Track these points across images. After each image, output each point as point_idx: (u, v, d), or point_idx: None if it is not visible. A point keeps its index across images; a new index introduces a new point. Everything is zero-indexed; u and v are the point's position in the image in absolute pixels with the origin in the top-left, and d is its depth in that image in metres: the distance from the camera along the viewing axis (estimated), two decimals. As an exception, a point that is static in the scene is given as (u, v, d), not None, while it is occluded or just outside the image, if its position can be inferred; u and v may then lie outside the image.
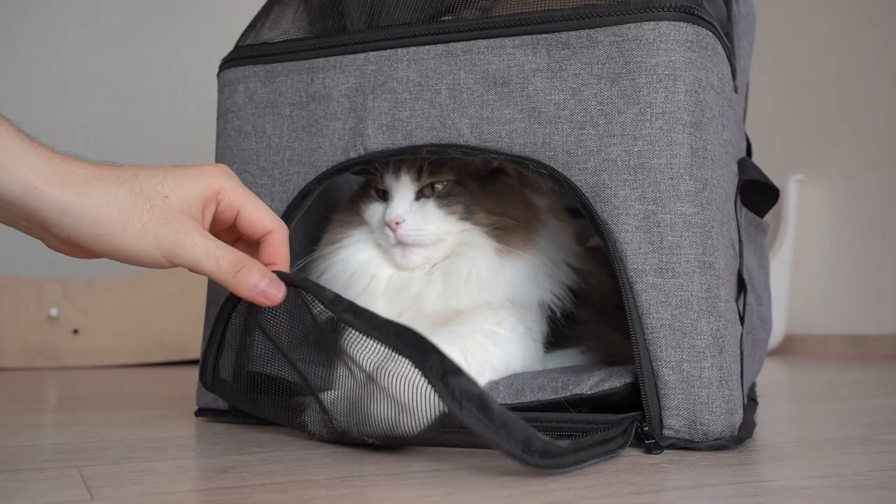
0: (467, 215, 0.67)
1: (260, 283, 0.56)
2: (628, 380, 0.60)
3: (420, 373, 0.50)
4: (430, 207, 0.68)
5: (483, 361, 0.63)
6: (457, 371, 0.48)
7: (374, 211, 0.70)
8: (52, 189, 0.51)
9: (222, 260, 0.55)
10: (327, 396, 0.59)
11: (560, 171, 0.61)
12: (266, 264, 0.59)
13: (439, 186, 0.68)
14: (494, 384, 0.63)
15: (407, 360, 0.51)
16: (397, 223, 0.66)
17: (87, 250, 0.54)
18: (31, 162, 0.50)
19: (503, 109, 0.63)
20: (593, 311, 0.71)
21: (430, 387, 0.49)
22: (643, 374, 0.58)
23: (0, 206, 0.51)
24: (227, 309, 0.62)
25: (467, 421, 0.47)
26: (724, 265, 0.60)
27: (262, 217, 0.59)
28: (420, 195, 0.68)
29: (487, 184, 0.69)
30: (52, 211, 0.51)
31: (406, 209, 0.67)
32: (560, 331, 0.70)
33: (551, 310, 0.68)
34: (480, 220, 0.67)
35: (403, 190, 0.68)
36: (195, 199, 0.56)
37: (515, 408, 0.61)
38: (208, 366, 0.65)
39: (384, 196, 0.70)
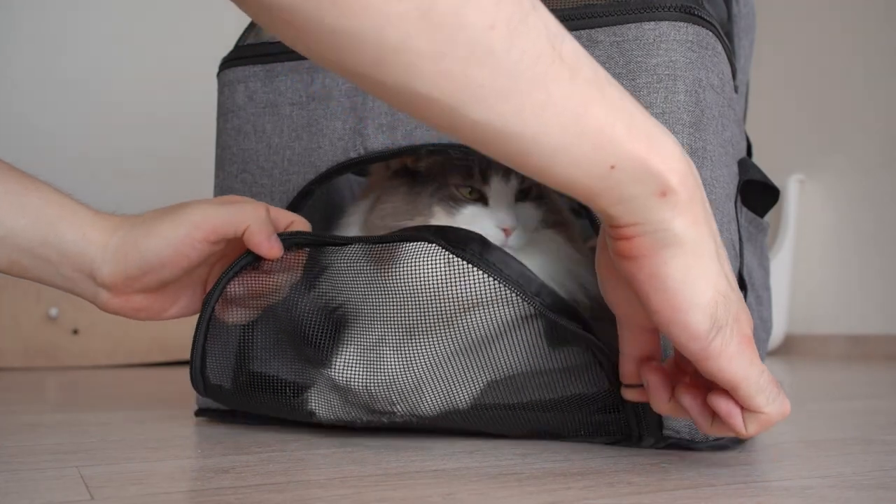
0: (548, 216, 0.67)
1: (271, 235, 0.60)
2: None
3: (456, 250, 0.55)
4: (531, 211, 0.67)
5: None
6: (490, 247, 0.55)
7: (474, 213, 0.66)
8: (95, 232, 0.59)
9: (236, 204, 0.60)
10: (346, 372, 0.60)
11: None
12: None
13: (531, 189, 0.67)
14: (494, 383, 0.63)
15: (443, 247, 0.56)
16: (513, 229, 0.65)
17: (131, 280, 0.59)
18: (80, 215, 0.59)
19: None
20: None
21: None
22: None
23: (58, 261, 0.58)
24: (204, 316, 0.62)
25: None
26: (722, 265, 0.60)
27: (285, 213, 0.63)
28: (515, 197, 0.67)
29: None
30: (97, 251, 0.58)
31: (514, 215, 0.66)
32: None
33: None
34: (558, 220, 0.67)
35: (508, 193, 0.66)
36: (213, 201, 0.62)
37: (515, 406, 0.61)
38: (195, 372, 0.64)
39: (474, 195, 0.66)
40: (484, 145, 0.43)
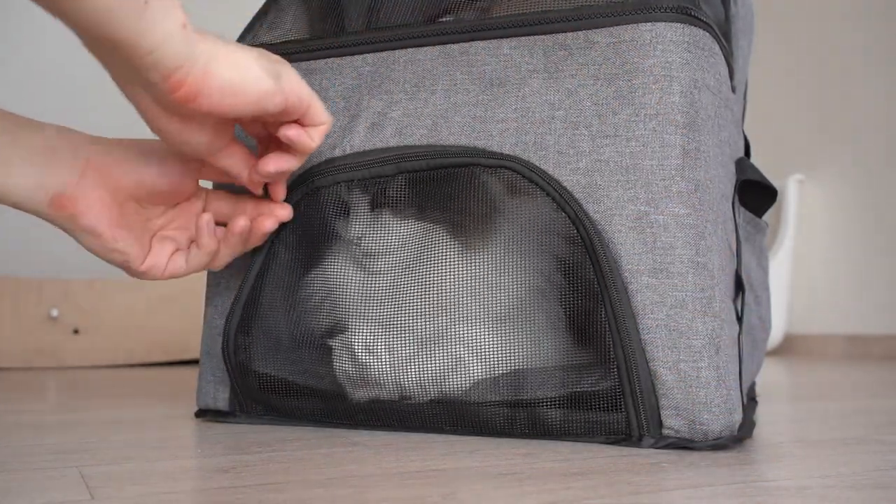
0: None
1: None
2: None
3: None
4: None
5: None
6: None
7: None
8: (71, 133, 0.59)
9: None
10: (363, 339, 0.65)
11: (549, 170, 0.61)
12: None
13: None
14: (495, 380, 0.63)
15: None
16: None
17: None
18: (45, 124, 0.59)
19: (497, 109, 0.63)
20: None
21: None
22: (637, 373, 0.58)
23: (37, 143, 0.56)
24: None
25: None
26: (718, 265, 0.60)
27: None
28: None
29: None
30: (81, 139, 0.59)
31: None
32: None
33: None
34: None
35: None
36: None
37: (515, 404, 0.62)
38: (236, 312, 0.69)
39: None
40: None
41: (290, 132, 0.59)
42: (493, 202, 0.63)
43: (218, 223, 0.64)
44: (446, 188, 0.64)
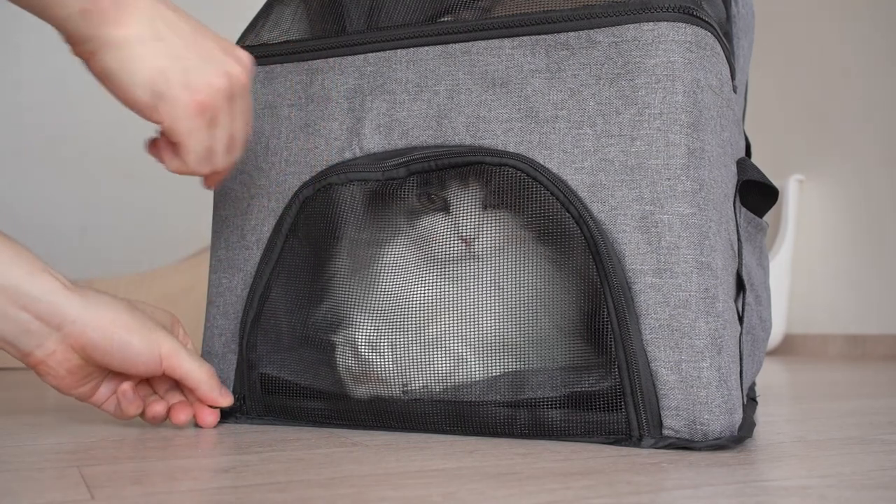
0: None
1: (220, 389, 0.68)
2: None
3: None
4: (503, 218, 0.68)
5: None
6: None
7: (432, 222, 0.67)
8: (69, 292, 0.61)
9: (195, 359, 0.66)
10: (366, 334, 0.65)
11: (554, 169, 0.61)
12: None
13: None
14: (495, 379, 0.63)
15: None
16: (473, 239, 0.67)
17: (94, 351, 0.62)
18: (51, 273, 0.61)
19: (500, 109, 0.63)
20: None
21: None
22: (638, 373, 0.58)
23: (23, 305, 0.59)
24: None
25: None
26: (722, 265, 0.60)
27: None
28: None
29: None
30: (71, 307, 0.60)
31: (477, 223, 0.69)
32: None
33: None
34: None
35: (470, 199, 0.67)
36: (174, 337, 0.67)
37: (516, 403, 0.62)
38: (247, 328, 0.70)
39: (435, 203, 0.68)
40: None
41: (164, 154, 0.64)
42: (497, 201, 0.63)
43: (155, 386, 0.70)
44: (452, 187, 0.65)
